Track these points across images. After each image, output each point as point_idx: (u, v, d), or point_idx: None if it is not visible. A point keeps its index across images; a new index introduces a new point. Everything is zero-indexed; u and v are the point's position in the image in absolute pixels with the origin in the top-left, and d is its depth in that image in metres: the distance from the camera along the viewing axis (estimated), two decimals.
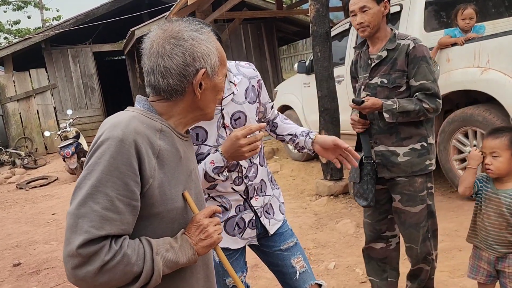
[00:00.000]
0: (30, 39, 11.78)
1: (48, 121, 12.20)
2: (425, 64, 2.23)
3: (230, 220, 1.81)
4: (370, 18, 2.26)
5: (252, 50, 11.94)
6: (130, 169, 1.07)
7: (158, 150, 1.15)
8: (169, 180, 1.17)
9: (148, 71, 1.19)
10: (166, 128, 1.20)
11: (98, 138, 1.11)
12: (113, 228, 1.05)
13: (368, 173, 2.40)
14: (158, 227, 1.17)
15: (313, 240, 3.94)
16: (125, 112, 1.20)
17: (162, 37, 1.18)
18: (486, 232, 2.04)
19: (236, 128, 1.73)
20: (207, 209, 1.25)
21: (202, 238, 1.20)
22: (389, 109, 2.25)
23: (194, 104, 1.23)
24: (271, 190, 1.92)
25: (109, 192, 1.05)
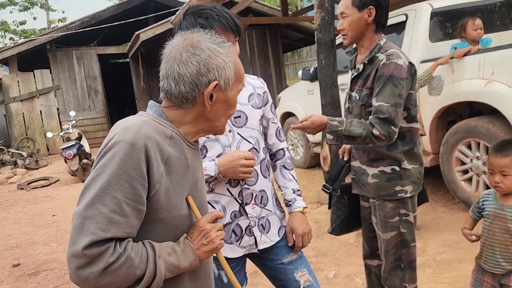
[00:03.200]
0: (35, 40, 11.84)
1: (51, 122, 12.22)
2: (390, 85, 1.99)
3: (226, 227, 1.78)
4: (347, 26, 2.12)
5: (257, 56, 11.97)
6: (139, 173, 1.08)
7: (167, 156, 1.15)
8: (175, 187, 1.17)
9: (163, 75, 1.21)
10: (176, 135, 1.21)
11: (109, 141, 1.12)
12: (119, 231, 1.06)
13: (334, 204, 2.38)
14: (161, 232, 1.17)
15: (313, 248, 3.92)
16: (137, 116, 1.21)
17: (181, 44, 1.20)
18: (492, 250, 2.02)
19: (236, 125, 1.78)
20: (209, 214, 1.25)
21: (205, 243, 1.21)
22: (333, 130, 2.06)
23: (204, 115, 1.23)
24: (273, 207, 1.87)
25: (117, 195, 1.06)
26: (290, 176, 1.95)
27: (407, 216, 2.20)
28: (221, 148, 1.76)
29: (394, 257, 2.23)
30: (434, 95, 4.25)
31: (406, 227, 2.20)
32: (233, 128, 1.79)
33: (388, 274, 2.26)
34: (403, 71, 2.03)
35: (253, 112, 1.83)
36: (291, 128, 7.14)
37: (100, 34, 12.56)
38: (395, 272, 2.24)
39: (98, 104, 12.97)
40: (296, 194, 1.93)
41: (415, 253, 2.27)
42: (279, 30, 12.18)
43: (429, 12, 4.52)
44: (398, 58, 2.03)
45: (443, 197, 4.71)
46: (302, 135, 6.80)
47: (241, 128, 1.80)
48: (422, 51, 4.46)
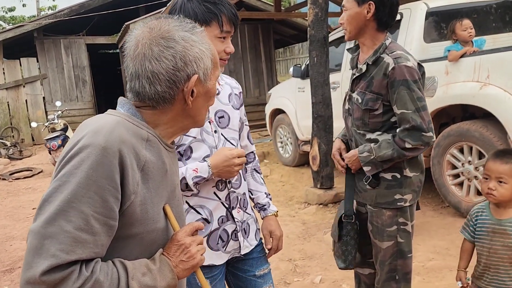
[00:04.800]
0: (22, 27, 11.55)
1: (37, 111, 11.96)
2: (406, 90, 1.91)
3: (213, 234, 1.68)
4: (346, 20, 2.03)
5: (248, 51, 11.80)
6: (111, 183, 0.93)
7: (143, 162, 1.01)
8: (152, 197, 1.03)
9: (132, 75, 1.05)
10: (153, 138, 1.06)
11: (75, 144, 0.96)
12: (85, 251, 0.91)
13: (348, 233, 2.15)
14: (135, 249, 1.03)
15: (299, 251, 3.81)
16: (108, 115, 1.05)
17: (149, 36, 1.03)
18: (497, 270, 1.88)
19: (220, 125, 1.69)
20: (188, 226, 1.11)
21: (184, 260, 1.07)
22: (367, 161, 2.01)
23: (184, 112, 1.10)
24: (251, 210, 1.83)
25: (84, 209, 0.91)
26: (261, 180, 1.93)
27: (405, 225, 2.10)
28: (208, 149, 1.65)
29: (389, 268, 2.12)
30: (427, 97, 4.13)
31: (404, 237, 2.10)
32: (218, 129, 1.69)
33: (381, 285, 2.15)
34: (415, 73, 1.94)
35: (233, 113, 1.75)
36: (280, 125, 7.03)
37: (90, 24, 12.30)
38: (389, 283, 2.13)
39: (85, 95, 12.72)
40: (268, 198, 1.91)
41: (411, 264, 2.17)
42: (272, 25, 12.02)
43: (425, 11, 4.42)
44: (407, 61, 1.93)
45: (432, 200, 4.63)
46: (291, 132, 6.69)
47: (224, 129, 1.71)
48: (416, 51, 4.34)
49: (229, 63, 11.55)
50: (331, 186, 5.07)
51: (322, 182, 5.04)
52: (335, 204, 4.93)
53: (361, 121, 2.08)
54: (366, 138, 2.09)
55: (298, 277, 3.36)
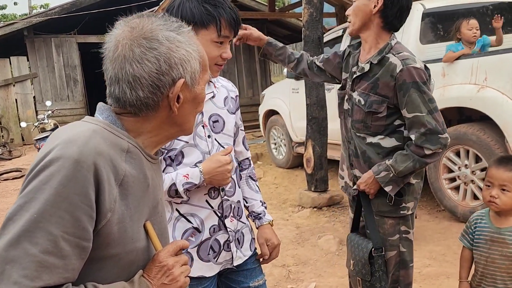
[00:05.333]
0: (13, 25, 11.36)
1: (27, 111, 11.77)
2: (417, 92, 1.83)
3: (204, 244, 1.58)
4: (353, 11, 1.93)
5: (242, 51, 11.71)
6: (84, 200, 0.83)
7: (122, 176, 0.91)
8: (131, 214, 0.93)
9: (111, 79, 0.96)
10: (134, 149, 0.96)
11: (44, 156, 0.85)
12: (53, 277, 0.81)
13: (379, 267, 1.95)
14: (111, 271, 0.92)
15: (293, 256, 3.73)
16: (84, 123, 0.95)
17: (130, 37, 0.93)
18: (493, 279, 1.82)
19: (214, 130, 1.60)
20: (172, 244, 1.01)
21: (166, 283, 0.97)
22: (387, 181, 1.89)
23: (169, 120, 1.00)
24: (245, 219, 1.73)
25: (52, 230, 0.80)
26: (256, 188, 1.85)
27: (408, 234, 2.03)
28: (201, 155, 1.56)
29: (392, 279, 2.04)
30: None
31: (406, 246, 2.03)
32: (212, 134, 1.59)
33: None
34: (423, 74, 1.86)
35: (229, 117, 1.65)
36: (274, 127, 6.94)
37: (81, 22, 12.13)
38: None
39: (77, 95, 12.54)
40: (263, 206, 1.83)
41: (412, 274, 2.10)
42: (266, 26, 11.94)
43: (421, 12, 4.35)
44: (415, 62, 1.86)
45: (427, 204, 4.57)
46: (285, 134, 6.61)
47: (218, 134, 1.61)
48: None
49: None
50: (325, 189, 4.99)
51: (316, 185, 4.96)
52: (329, 208, 4.85)
53: (362, 124, 1.98)
54: (367, 142, 1.99)
55: (291, 283, 3.27)
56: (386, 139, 1.96)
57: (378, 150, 1.97)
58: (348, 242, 2.14)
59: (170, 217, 1.58)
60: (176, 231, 1.57)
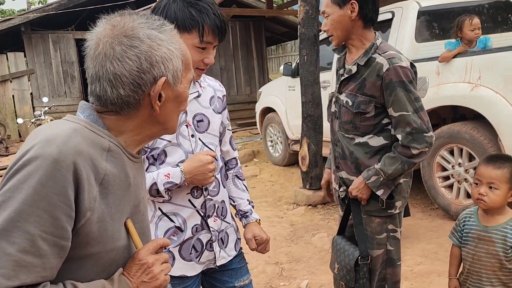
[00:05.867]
0: (9, 21, 11.31)
1: (24, 107, 11.75)
2: (403, 91, 1.83)
3: (186, 243, 1.58)
4: (331, 25, 1.94)
5: (239, 48, 11.69)
6: (63, 199, 0.83)
7: (102, 175, 0.91)
8: (112, 214, 0.93)
9: (92, 77, 0.95)
10: (115, 147, 0.96)
11: (23, 155, 0.85)
12: (30, 276, 0.81)
13: (364, 275, 1.99)
14: (91, 270, 0.92)
15: (286, 253, 3.74)
16: (65, 122, 0.95)
17: (111, 34, 0.93)
18: (479, 277, 1.83)
19: (198, 129, 1.59)
20: (152, 242, 1.01)
21: (145, 281, 0.97)
22: (378, 185, 1.90)
23: (151, 118, 0.99)
24: (231, 219, 1.73)
25: (30, 229, 0.80)
26: (243, 187, 1.83)
27: (395, 232, 2.04)
28: (184, 154, 1.56)
29: (379, 277, 2.05)
30: None
31: (394, 244, 2.04)
32: (196, 133, 1.59)
33: None
34: (410, 73, 1.87)
35: (214, 117, 1.65)
36: (271, 124, 6.94)
37: (79, 18, 12.09)
38: None
39: (74, 91, 12.51)
40: (251, 205, 1.82)
41: (400, 272, 2.11)
42: (263, 23, 11.92)
43: (416, 10, 4.35)
44: (401, 61, 1.87)
45: (421, 202, 4.58)
46: (281, 131, 6.61)
47: (203, 133, 1.61)
48: (407, 51, 4.27)
49: (220, 60, 11.47)
50: (320, 187, 4.99)
51: (311, 182, 4.97)
52: (324, 206, 4.86)
53: (351, 125, 1.99)
54: (355, 143, 2.00)
55: (284, 281, 3.28)
56: (374, 138, 1.97)
57: (366, 149, 1.98)
58: (334, 245, 2.15)
59: (153, 215, 1.58)
60: (159, 230, 1.57)
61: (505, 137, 3.37)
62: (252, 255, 3.73)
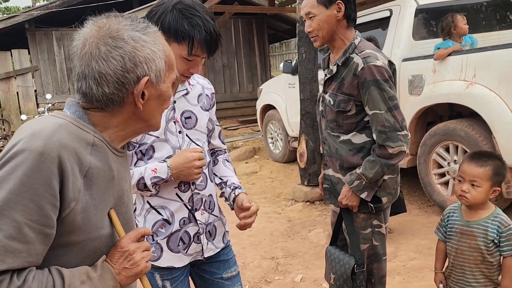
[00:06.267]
0: (13, 18, 11.41)
1: (28, 104, 11.85)
2: (377, 90, 1.88)
3: (174, 235, 1.63)
4: (317, 26, 1.95)
5: (242, 45, 11.72)
6: (48, 190, 0.88)
7: (87, 167, 0.96)
8: (96, 204, 0.99)
9: (79, 75, 1.01)
10: (100, 142, 1.01)
11: (11, 148, 0.90)
12: (16, 261, 0.87)
13: (361, 283, 2.02)
14: (75, 257, 0.98)
15: (282, 248, 3.79)
16: (51, 117, 1.00)
17: (96, 35, 0.98)
18: (462, 270, 1.88)
19: (186, 126, 1.64)
20: (134, 231, 1.06)
21: (127, 267, 1.02)
22: (361, 188, 1.95)
23: (135, 115, 1.05)
24: (219, 212, 1.78)
25: (16, 217, 0.86)
26: (232, 168, 1.87)
27: (380, 228, 2.08)
28: (171, 150, 1.61)
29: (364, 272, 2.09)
30: (414, 95, 4.12)
31: (379, 240, 2.08)
32: (183, 130, 1.64)
33: None
34: (385, 72, 1.90)
35: (202, 114, 1.69)
36: (271, 121, 6.98)
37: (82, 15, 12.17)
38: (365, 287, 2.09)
39: None
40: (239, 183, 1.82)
41: (385, 267, 2.15)
42: (266, 20, 11.95)
43: (414, 8, 4.38)
44: (376, 60, 1.90)
45: (418, 198, 4.62)
46: (282, 128, 6.66)
47: (190, 130, 1.66)
48: (405, 49, 4.32)
49: (222, 57, 11.51)
50: (318, 183, 5.04)
51: (309, 179, 5.01)
52: (322, 202, 4.89)
53: (335, 123, 2.03)
54: (340, 140, 2.04)
55: (279, 275, 3.33)
56: (357, 136, 2.01)
57: (349, 147, 2.02)
58: (328, 256, 2.19)
59: (141, 208, 1.64)
60: (147, 222, 1.62)
61: (499, 134, 3.41)
62: (249, 250, 3.80)
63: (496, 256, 1.82)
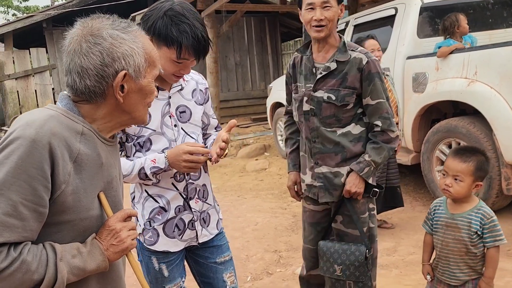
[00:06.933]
0: (32, 18, 11.71)
1: (46, 101, 12.14)
2: (379, 82, 2.07)
3: (170, 222, 1.76)
4: (331, 17, 2.02)
5: (254, 43, 11.82)
6: (40, 173, 1.00)
7: (76, 154, 1.08)
8: (85, 187, 1.10)
9: (66, 70, 1.14)
10: (88, 131, 1.13)
11: (7, 136, 1.03)
12: (13, 235, 0.99)
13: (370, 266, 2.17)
14: (67, 234, 1.10)
15: (286, 242, 3.88)
16: (44, 109, 1.13)
17: (80, 34, 1.11)
18: (447, 261, 1.96)
19: (181, 120, 1.75)
20: (120, 212, 1.18)
21: (114, 244, 1.14)
22: (370, 174, 2.10)
23: (118, 108, 1.16)
24: (213, 201, 1.89)
25: (12, 197, 0.98)
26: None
27: (374, 210, 2.25)
28: (167, 142, 1.73)
29: None
30: (418, 93, 4.17)
31: (374, 222, 2.23)
32: (178, 123, 1.76)
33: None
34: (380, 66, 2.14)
35: (196, 108, 1.81)
36: (280, 119, 7.06)
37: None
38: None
39: None
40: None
41: (377, 248, 2.31)
42: (278, 18, 12.01)
43: (419, 6, 4.42)
44: (373, 56, 2.12)
45: (423, 196, 4.66)
46: None
47: (185, 123, 1.77)
48: (409, 47, 4.37)
49: (235, 55, 11.62)
50: None
51: None
52: None
53: (334, 118, 2.11)
54: (339, 134, 2.12)
55: (280, 267, 3.43)
56: (355, 127, 2.14)
57: (350, 138, 2.13)
58: (324, 250, 2.19)
59: (140, 196, 1.77)
60: (145, 209, 1.75)
61: (499, 131, 3.44)
62: (253, 244, 3.90)
63: (480, 248, 1.89)
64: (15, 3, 22.87)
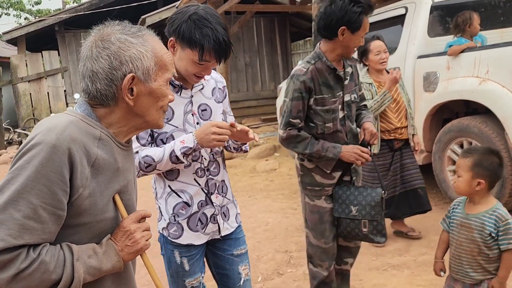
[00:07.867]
0: (44, 21, 11.87)
1: (58, 103, 12.32)
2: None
3: (193, 216, 1.83)
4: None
5: (264, 44, 11.84)
6: (59, 177, 1.03)
7: (94, 158, 1.11)
8: (101, 190, 1.13)
9: (81, 76, 1.17)
10: (106, 137, 1.16)
11: (29, 141, 1.06)
12: (32, 237, 1.02)
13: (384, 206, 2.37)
14: (84, 236, 1.13)
15: (296, 243, 3.89)
16: (63, 115, 1.16)
17: (92, 40, 1.15)
18: (460, 260, 1.98)
19: (203, 117, 1.83)
20: (135, 213, 1.21)
21: (129, 244, 1.17)
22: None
23: (131, 111, 1.18)
24: (231, 196, 1.97)
25: (33, 200, 1.01)
26: None
27: None
28: None
29: None
30: (429, 92, 4.15)
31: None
32: (200, 121, 1.82)
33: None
34: None
35: (216, 106, 1.88)
36: None
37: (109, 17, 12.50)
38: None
39: None
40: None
41: None
42: (288, 18, 12.01)
43: (429, 5, 4.39)
44: None
45: (435, 195, 4.63)
46: None
47: (206, 121, 1.84)
48: (420, 46, 4.34)
49: (244, 55, 11.64)
50: None
51: None
52: None
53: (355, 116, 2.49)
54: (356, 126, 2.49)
55: (291, 268, 3.44)
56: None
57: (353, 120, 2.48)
58: (339, 194, 2.36)
59: (163, 192, 1.84)
60: (168, 204, 1.82)
61: (511, 130, 3.41)
62: (264, 244, 3.91)
63: (495, 249, 1.88)
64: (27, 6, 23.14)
